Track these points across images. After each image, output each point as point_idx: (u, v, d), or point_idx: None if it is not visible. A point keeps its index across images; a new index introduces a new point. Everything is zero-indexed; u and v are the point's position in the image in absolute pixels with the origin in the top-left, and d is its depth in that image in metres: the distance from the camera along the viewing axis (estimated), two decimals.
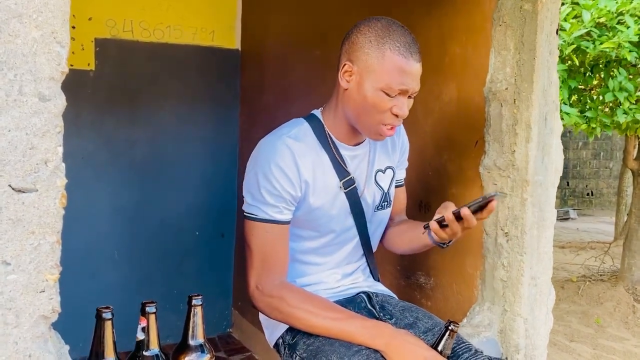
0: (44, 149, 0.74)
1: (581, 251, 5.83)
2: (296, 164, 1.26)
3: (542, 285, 1.59)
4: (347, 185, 1.35)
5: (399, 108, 1.25)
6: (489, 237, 1.61)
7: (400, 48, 1.22)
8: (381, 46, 1.22)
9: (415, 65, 1.24)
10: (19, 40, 0.71)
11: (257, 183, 1.26)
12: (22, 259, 0.73)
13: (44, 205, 0.74)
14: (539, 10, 1.47)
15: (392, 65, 1.22)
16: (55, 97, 0.74)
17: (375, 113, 1.26)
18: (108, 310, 0.91)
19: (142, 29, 2.75)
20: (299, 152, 1.27)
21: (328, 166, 1.33)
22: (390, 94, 1.23)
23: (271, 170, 1.24)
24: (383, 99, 1.24)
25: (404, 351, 1.16)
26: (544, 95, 1.52)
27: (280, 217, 1.27)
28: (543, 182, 1.55)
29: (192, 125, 2.88)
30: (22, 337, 0.74)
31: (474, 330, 1.57)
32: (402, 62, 1.22)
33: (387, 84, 1.22)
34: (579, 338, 3.72)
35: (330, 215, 1.34)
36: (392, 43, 1.22)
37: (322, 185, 1.31)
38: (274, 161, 1.24)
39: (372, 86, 1.23)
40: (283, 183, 1.24)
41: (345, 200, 1.36)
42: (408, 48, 1.23)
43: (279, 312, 1.26)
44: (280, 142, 1.27)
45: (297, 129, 1.33)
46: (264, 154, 1.27)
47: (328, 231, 1.37)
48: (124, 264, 2.74)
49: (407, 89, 1.24)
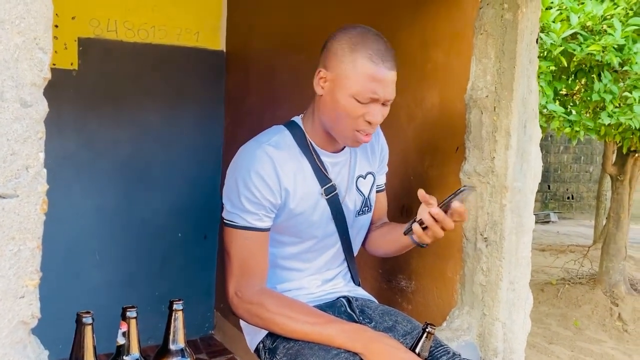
0: (25, 155, 0.74)
1: (561, 254, 5.91)
2: (276, 172, 1.26)
3: (520, 289, 1.62)
4: (329, 192, 1.36)
5: (371, 115, 1.25)
6: (468, 242, 1.63)
7: (372, 55, 1.22)
8: (354, 53, 1.23)
9: (386, 72, 1.23)
10: (0, 46, 0.71)
11: (237, 190, 1.26)
12: (1, 265, 0.73)
13: (24, 211, 0.74)
14: (519, 19, 1.50)
15: (363, 73, 1.22)
16: (37, 103, 0.75)
17: (348, 120, 1.26)
18: (88, 315, 0.91)
19: (127, 29, 2.74)
20: (279, 160, 1.27)
21: (309, 173, 1.34)
22: (361, 101, 1.24)
23: (251, 178, 1.24)
24: (355, 106, 1.24)
25: (383, 354, 1.17)
26: (523, 103, 1.55)
27: (259, 225, 1.27)
28: (522, 188, 1.57)
29: (176, 126, 2.87)
30: (1, 343, 0.73)
31: (453, 334, 1.59)
32: (373, 70, 1.22)
33: (358, 91, 1.23)
34: (557, 340, 3.77)
35: (311, 221, 1.35)
36: (364, 50, 1.23)
37: (303, 192, 1.32)
38: (254, 169, 1.25)
39: (345, 93, 1.24)
40: (263, 191, 1.25)
41: (326, 206, 1.37)
42: (380, 55, 1.23)
43: (259, 319, 1.27)
44: (260, 150, 1.27)
45: (277, 137, 1.33)
46: (244, 162, 1.27)
47: (309, 237, 1.38)
48: (106, 265, 2.73)
49: (378, 97, 1.24)
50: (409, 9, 1.82)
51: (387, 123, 1.91)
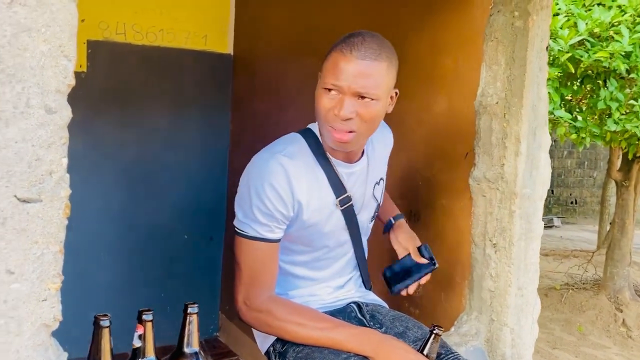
0: (49, 160, 0.75)
1: (565, 259, 5.91)
2: (290, 184, 1.24)
3: (529, 295, 1.63)
4: (344, 203, 1.35)
5: (338, 107, 1.20)
6: (477, 247, 1.64)
7: (344, 47, 1.20)
8: (332, 49, 1.24)
9: (355, 61, 1.18)
10: (27, 53, 0.72)
11: (249, 201, 1.24)
12: (25, 268, 0.74)
13: (47, 215, 0.75)
14: (530, 27, 1.51)
15: (332, 62, 1.21)
16: (61, 109, 0.76)
17: (321, 113, 1.24)
18: (106, 318, 0.93)
19: (135, 32, 2.75)
20: (293, 171, 1.25)
21: (324, 184, 1.32)
22: (328, 89, 1.21)
23: (264, 189, 1.23)
24: (324, 97, 1.22)
25: (392, 356, 1.18)
26: (533, 110, 1.56)
27: (270, 236, 1.26)
28: (531, 195, 1.58)
29: (183, 128, 2.88)
30: (23, 346, 0.74)
31: (461, 339, 1.59)
32: (340, 58, 1.19)
33: (325, 80, 1.22)
34: (561, 345, 3.77)
35: (324, 231, 1.34)
36: (340, 44, 1.22)
37: (317, 204, 1.30)
38: (267, 180, 1.23)
39: (319, 87, 1.24)
40: (275, 203, 1.23)
41: (340, 217, 1.36)
42: (351, 46, 1.19)
43: (267, 326, 1.28)
44: (274, 160, 1.25)
45: (292, 147, 1.31)
46: (258, 172, 1.25)
47: (321, 246, 1.37)
48: (112, 266, 2.74)
49: (340, 85, 1.19)
50: (418, 15, 1.83)
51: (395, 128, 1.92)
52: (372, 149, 1.45)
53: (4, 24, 0.70)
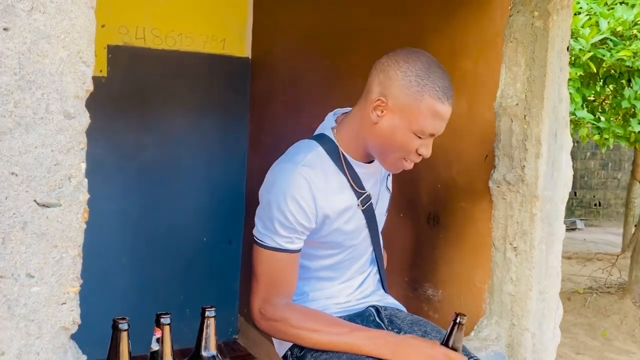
0: (68, 165, 0.76)
1: (588, 262, 5.81)
2: (313, 195, 1.24)
3: (550, 300, 1.60)
4: (365, 202, 1.36)
5: (425, 149, 1.27)
6: (497, 251, 1.62)
7: (438, 92, 1.20)
8: (421, 88, 1.20)
9: (449, 109, 1.23)
10: (46, 60, 0.73)
11: (270, 213, 1.24)
12: (45, 272, 0.75)
13: (67, 219, 0.76)
14: (550, 27, 1.49)
15: (429, 110, 1.20)
16: (80, 114, 0.77)
17: (401, 151, 1.26)
18: (124, 322, 0.93)
19: (154, 37, 2.78)
20: (315, 181, 1.25)
21: (346, 187, 1.33)
22: (421, 137, 1.24)
23: (286, 202, 1.21)
24: (412, 140, 1.24)
25: (411, 354, 1.18)
26: (554, 111, 1.53)
27: (290, 247, 1.26)
28: (552, 197, 1.56)
29: (202, 132, 2.90)
30: (43, 348, 0.75)
31: (481, 344, 1.57)
32: (439, 107, 1.21)
33: (421, 128, 1.22)
34: (585, 351, 3.71)
35: (348, 233, 1.35)
36: (432, 87, 1.20)
37: (341, 208, 1.31)
38: (289, 193, 1.22)
39: (405, 127, 1.22)
40: (297, 216, 1.23)
41: (362, 217, 1.37)
42: (445, 92, 1.21)
43: (284, 334, 1.28)
44: (296, 172, 1.24)
45: (311, 155, 1.29)
46: (279, 184, 1.24)
47: (346, 248, 1.38)
48: (132, 269, 2.76)
49: (437, 131, 1.25)
50: (437, 17, 1.81)
51: None
52: None
53: (24, 31, 0.71)
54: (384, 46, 1.31)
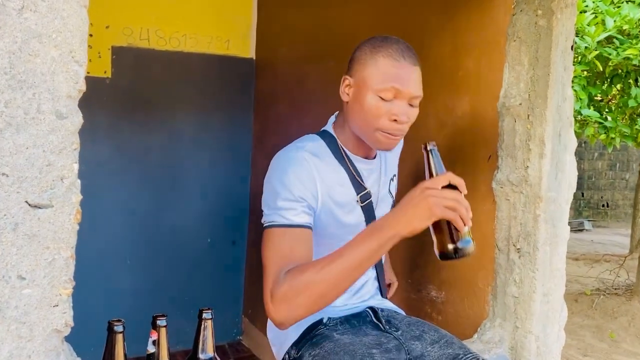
0: (60, 166, 0.75)
1: (595, 264, 5.76)
2: (313, 176, 1.26)
3: (555, 302, 1.58)
4: (364, 199, 1.36)
5: (395, 112, 1.23)
6: (501, 252, 1.60)
7: (392, 53, 1.24)
8: (375, 54, 1.25)
9: (408, 67, 1.23)
10: (38, 59, 0.72)
11: (274, 192, 1.22)
12: (36, 274, 0.74)
13: (59, 221, 0.75)
14: (554, 26, 1.47)
15: (385, 68, 1.23)
16: (72, 114, 0.76)
17: (373, 119, 1.25)
18: (119, 324, 0.92)
19: (159, 38, 2.78)
20: (317, 166, 1.27)
21: (346, 181, 1.34)
22: (385, 98, 1.23)
23: (289, 177, 1.22)
24: (378, 104, 1.24)
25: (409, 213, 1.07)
26: (558, 111, 1.51)
27: (297, 220, 1.20)
28: (556, 198, 1.54)
29: (206, 133, 2.90)
30: (35, 351, 0.75)
31: (484, 347, 1.56)
32: (394, 64, 1.23)
33: (380, 88, 1.23)
34: (592, 353, 3.67)
35: (346, 226, 1.33)
36: (385, 50, 1.24)
37: (340, 200, 1.31)
38: (292, 169, 1.23)
39: (369, 92, 1.25)
40: (301, 189, 1.22)
41: (361, 213, 1.36)
42: (401, 52, 1.24)
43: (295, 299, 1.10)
44: (299, 154, 1.27)
45: (313, 144, 1.33)
46: (282, 164, 1.26)
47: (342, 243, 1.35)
48: (136, 270, 2.76)
49: (401, 90, 1.23)
50: (439, 16, 1.80)
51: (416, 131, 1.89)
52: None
53: (14, 31, 0.70)
54: None
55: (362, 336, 1.30)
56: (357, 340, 1.26)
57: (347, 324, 1.35)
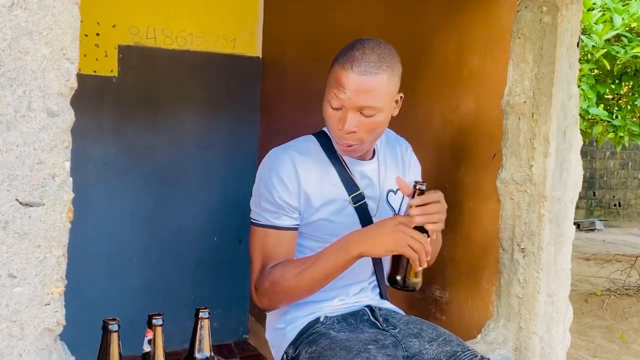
0: (51, 164, 0.74)
1: (606, 264, 5.69)
2: (297, 175, 1.28)
3: (559, 302, 1.56)
4: (357, 200, 1.34)
5: (342, 122, 1.23)
6: (505, 252, 1.58)
7: (345, 61, 1.21)
8: (335, 60, 1.24)
9: (354, 77, 1.19)
10: (28, 57, 0.72)
11: (258, 192, 1.30)
12: (27, 272, 0.74)
13: (50, 219, 0.75)
14: (559, 23, 1.45)
15: (334, 75, 1.23)
16: (64, 112, 0.75)
17: (327, 125, 1.28)
18: (114, 323, 0.92)
19: (165, 36, 2.78)
20: (301, 163, 1.29)
21: (336, 180, 1.34)
22: (332, 105, 1.23)
23: (271, 179, 1.28)
24: (328, 111, 1.25)
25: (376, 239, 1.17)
26: (563, 109, 1.49)
27: (278, 223, 1.29)
28: (561, 197, 1.52)
29: (212, 131, 2.90)
30: (26, 350, 0.74)
31: (488, 347, 1.54)
32: (341, 72, 1.20)
33: (327, 94, 1.24)
34: (602, 354, 3.63)
35: (336, 227, 1.32)
36: (341, 57, 1.23)
37: (327, 198, 1.31)
38: (274, 170, 1.28)
39: (324, 98, 1.26)
40: (281, 192, 1.27)
41: (354, 214, 1.34)
42: (352, 60, 1.20)
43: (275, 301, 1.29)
44: (284, 154, 1.30)
45: (303, 144, 1.35)
46: (267, 165, 1.31)
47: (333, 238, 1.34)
48: (143, 269, 2.77)
49: (342, 99, 1.20)
50: (443, 14, 1.78)
51: (421, 129, 1.88)
52: (383, 156, 1.44)
53: (4, 28, 0.70)
54: (393, 44, 1.29)
55: (359, 333, 1.29)
56: (354, 337, 1.25)
57: (344, 322, 1.35)
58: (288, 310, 1.38)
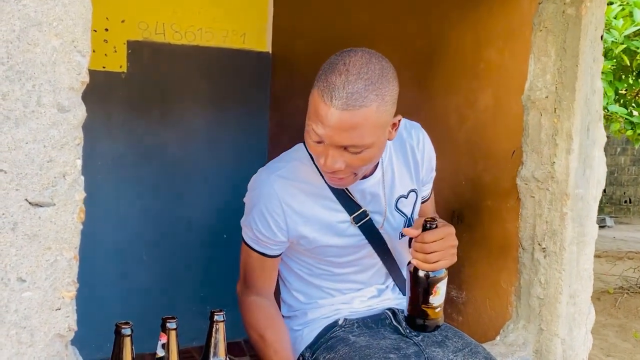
0: (62, 162, 0.71)
1: (618, 261, 5.63)
2: (283, 212, 1.19)
3: (582, 304, 1.51)
4: (359, 219, 1.24)
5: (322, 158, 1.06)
6: (525, 252, 1.54)
7: (323, 89, 1.02)
8: (316, 80, 1.07)
9: (332, 111, 1.00)
10: (37, 49, 0.68)
11: (246, 216, 1.27)
12: (37, 276, 0.70)
13: (61, 220, 0.71)
14: (583, 15, 1.40)
15: (313, 105, 1.06)
16: (75, 107, 0.72)
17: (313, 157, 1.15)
18: (127, 327, 0.89)
19: (174, 32, 2.74)
20: (287, 194, 1.18)
21: (332, 202, 1.22)
22: (311, 138, 1.07)
23: (256, 214, 1.22)
24: (308, 142, 1.09)
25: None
26: (586, 104, 1.44)
27: (261, 250, 1.26)
28: (584, 195, 1.47)
29: (222, 127, 2.86)
30: (36, 357, 0.71)
31: (507, 350, 1.50)
32: (318, 104, 1.03)
33: (307, 125, 1.08)
34: (615, 353, 3.58)
35: (338, 249, 1.26)
36: (321, 81, 1.04)
37: (324, 223, 1.22)
38: (258, 206, 1.21)
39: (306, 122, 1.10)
40: (264, 230, 1.21)
41: (358, 233, 1.26)
42: (331, 90, 1.01)
43: (243, 321, 1.33)
44: (268, 184, 1.19)
45: (292, 164, 1.22)
46: (254, 192, 1.25)
47: (340, 262, 1.30)
48: (152, 266, 2.74)
49: (321, 135, 1.03)
50: (460, 6, 1.73)
51: (436, 125, 1.83)
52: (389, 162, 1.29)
53: (12, 18, 0.66)
54: (408, 38, 1.25)
55: (380, 339, 1.24)
56: (374, 344, 1.21)
57: (364, 326, 1.30)
58: (306, 313, 1.35)
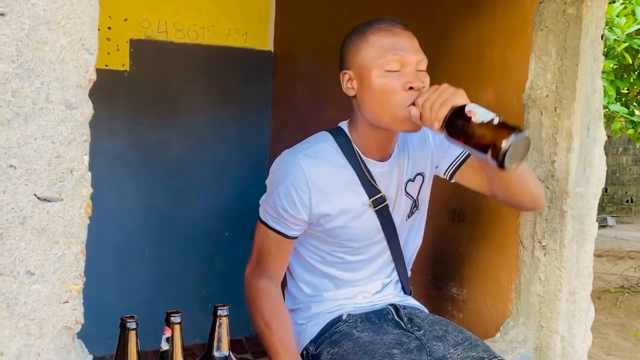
0: (69, 158, 0.72)
1: (619, 261, 5.64)
2: (308, 187, 1.22)
3: (581, 301, 1.53)
4: (377, 204, 1.29)
5: (409, 80, 1.16)
6: (525, 249, 1.55)
7: (381, 26, 1.21)
8: (363, 36, 1.22)
9: (402, 32, 1.21)
10: (46, 47, 0.69)
11: (269, 195, 1.27)
12: (45, 269, 0.72)
13: (69, 214, 0.73)
14: (583, 14, 1.41)
15: (379, 43, 1.20)
16: (82, 104, 0.73)
17: (388, 98, 1.18)
18: (132, 320, 0.90)
19: (176, 30, 2.76)
20: (314, 171, 1.23)
21: (355, 183, 1.27)
22: (392, 69, 1.18)
23: (279, 191, 1.24)
24: (388, 79, 1.18)
25: None
26: (586, 103, 1.46)
27: (281, 230, 1.27)
28: (584, 194, 1.48)
29: (224, 126, 2.87)
30: (44, 349, 0.72)
31: (507, 346, 1.51)
32: (386, 35, 1.20)
33: (383, 61, 1.18)
34: (616, 352, 3.59)
35: (354, 233, 1.29)
36: (372, 27, 1.22)
37: (344, 204, 1.26)
38: (284, 183, 1.23)
39: (375, 74, 1.19)
40: (288, 207, 1.23)
41: (374, 217, 1.30)
42: (389, 23, 1.22)
43: (250, 306, 1.35)
44: (295, 162, 1.24)
45: (318, 146, 1.28)
46: (280, 172, 1.26)
47: (352, 247, 1.32)
48: (154, 263, 2.76)
49: (404, 56, 1.17)
50: (463, 5, 1.74)
51: None
52: (406, 144, 1.36)
53: (22, 17, 0.67)
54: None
55: (383, 334, 1.26)
56: (378, 339, 1.22)
57: (368, 322, 1.32)
58: (310, 307, 1.36)
